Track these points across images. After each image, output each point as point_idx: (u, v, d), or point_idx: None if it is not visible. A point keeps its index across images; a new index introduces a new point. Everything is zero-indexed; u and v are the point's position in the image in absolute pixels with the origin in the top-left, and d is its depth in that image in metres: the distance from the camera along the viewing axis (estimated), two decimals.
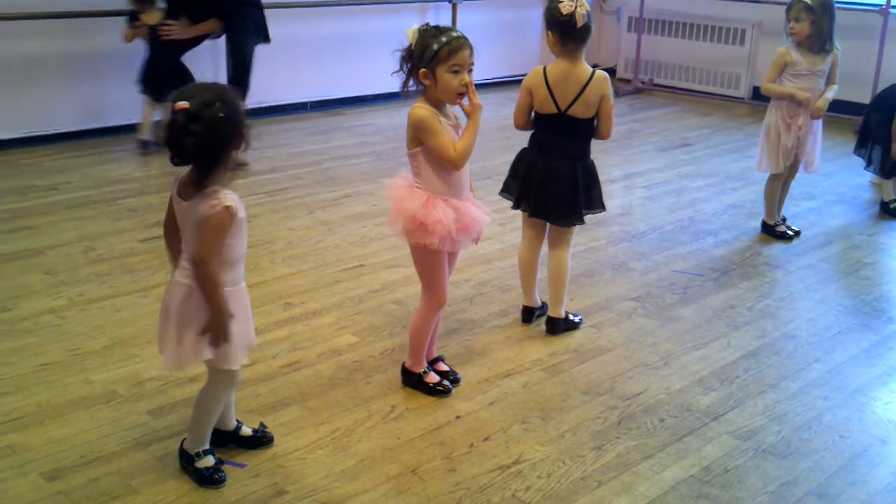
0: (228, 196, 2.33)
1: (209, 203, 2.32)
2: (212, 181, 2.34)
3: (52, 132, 5.99)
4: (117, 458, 2.67)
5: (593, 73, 3.29)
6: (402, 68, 2.85)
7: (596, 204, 3.45)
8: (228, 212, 2.32)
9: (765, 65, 4.57)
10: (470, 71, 2.80)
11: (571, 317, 3.59)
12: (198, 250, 2.34)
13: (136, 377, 3.09)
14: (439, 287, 2.99)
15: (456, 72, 2.77)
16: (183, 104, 2.23)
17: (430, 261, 2.95)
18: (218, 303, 2.37)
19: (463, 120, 2.91)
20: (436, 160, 2.83)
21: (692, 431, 2.91)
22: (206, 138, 2.25)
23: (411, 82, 2.84)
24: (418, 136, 2.83)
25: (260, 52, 6.78)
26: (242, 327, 2.48)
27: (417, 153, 2.85)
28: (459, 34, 2.80)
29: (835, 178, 5.76)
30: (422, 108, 2.82)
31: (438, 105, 2.85)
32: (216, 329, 2.38)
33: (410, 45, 2.81)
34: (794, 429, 2.95)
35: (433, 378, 3.08)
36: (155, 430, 2.80)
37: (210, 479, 2.55)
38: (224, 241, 2.36)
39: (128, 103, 5.93)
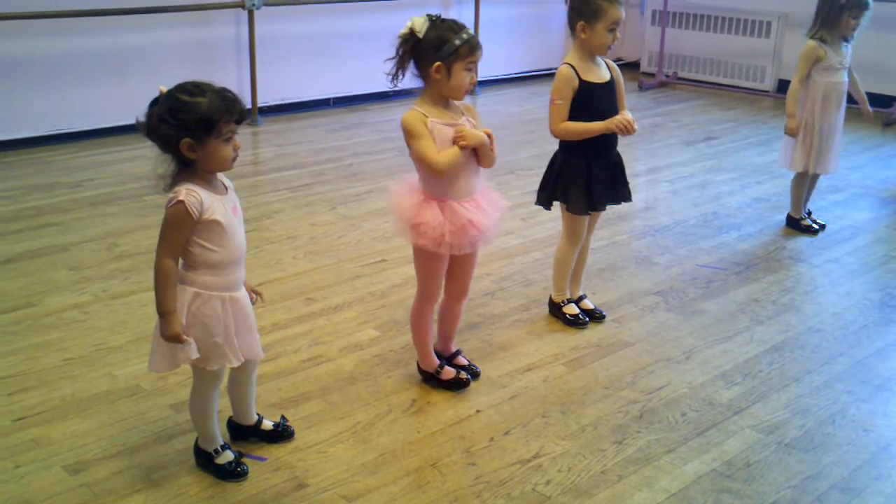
0: (185, 192, 2.31)
1: (168, 197, 2.34)
2: (181, 177, 2.35)
3: (76, 129, 6.04)
4: (140, 452, 2.69)
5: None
6: (398, 54, 2.78)
7: (555, 196, 3.43)
8: (181, 207, 2.30)
9: (790, 57, 4.50)
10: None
11: (576, 312, 3.57)
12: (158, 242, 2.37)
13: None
14: (431, 286, 2.97)
15: (470, 69, 2.76)
16: (163, 88, 2.34)
17: (426, 261, 2.91)
18: (158, 298, 2.34)
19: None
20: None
21: (714, 425, 2.89)
22: (157, 118, 2.30)
23: (404, 73, 2.79)
24: (406, 140, 2.82)
25: (283, 48, 6.83)
26: (227, 334, 2.43)
27: (412, 156, 2.84)
28: (471, 31, 2.78)
29: (861, 172, 5.70)
30: (410, 112, 2.79)
31: (442, 102, 2.81)
32: (161, 325, 2.36)
33: (415, 34, 2.74)
34: (818, 423, 2.92)
35: (449, 374, 3.07)
36: (177, 424, 2.82)
37: (233, 473, 2.57)
38: (176, 235, 2.33)
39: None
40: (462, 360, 3.16)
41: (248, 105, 6.59)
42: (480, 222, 2.83)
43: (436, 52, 2.72)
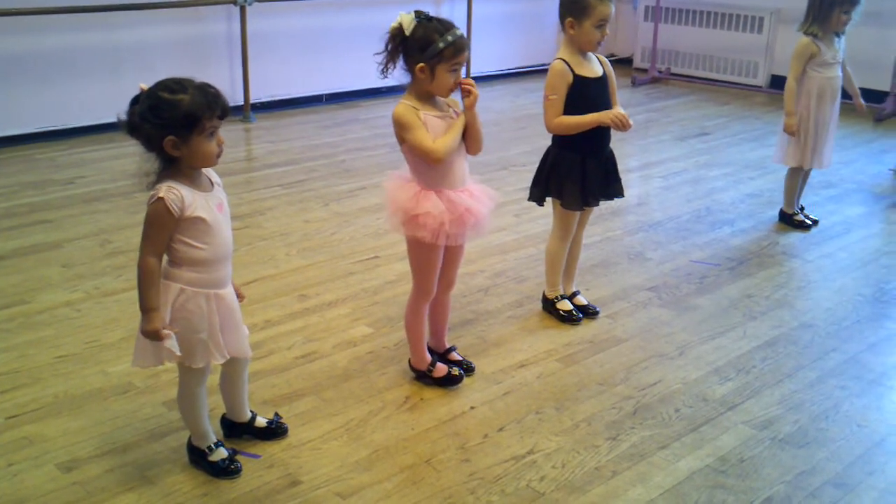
0: (165, 189, 2.29)
1: (149, 194, 2.33)
2: (165, 174, 2.33)
3: (67, 127, 6.03)
4: (133, 450, 2.68)
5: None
6: (386, 49, 2.77)
7: (549, 192, 3.43)
8: (161, 204, 2.28)
9: (783, 53, 4.50)
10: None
11: (571, 308, 3.58)
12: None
13: (152, 369, 3.07)
14: (428, 280, 2.97)
15: (454, 70, 2.75)
16: (143, 85, 2.30)
17: (423, 254, 2.91)
18: (141, 296, 2.32)
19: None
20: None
21: (708, 421, 2.89)
22: (139, 117, 2.27)
23: (394, 66, 2.78)
24: (399, 133, 2.81)
25: (275, 45, 6.81)
26: (212, 331, 2.41)
27: (406, 149, 2.83)
28: (461, 31, 2.76)
29: (854, 167, 5.71)
30: (400, 105, 2.78)
31: (429, 97, 2.81)
32: (142, 321, 2.34)
33: (402, 30, 2.72)
34: (812, 418, 2.92)
35: (441, 371, 3.07)
36: (170, 422, 2.81)
37: (226, 471, 2.56)
38: (158, 233, 2.32)
39: None
40: (456, 357, 3.16)
41: (241, 102, 6.58)
42: (477, 210, 2.85)
43: (420, 53, 2.72)
